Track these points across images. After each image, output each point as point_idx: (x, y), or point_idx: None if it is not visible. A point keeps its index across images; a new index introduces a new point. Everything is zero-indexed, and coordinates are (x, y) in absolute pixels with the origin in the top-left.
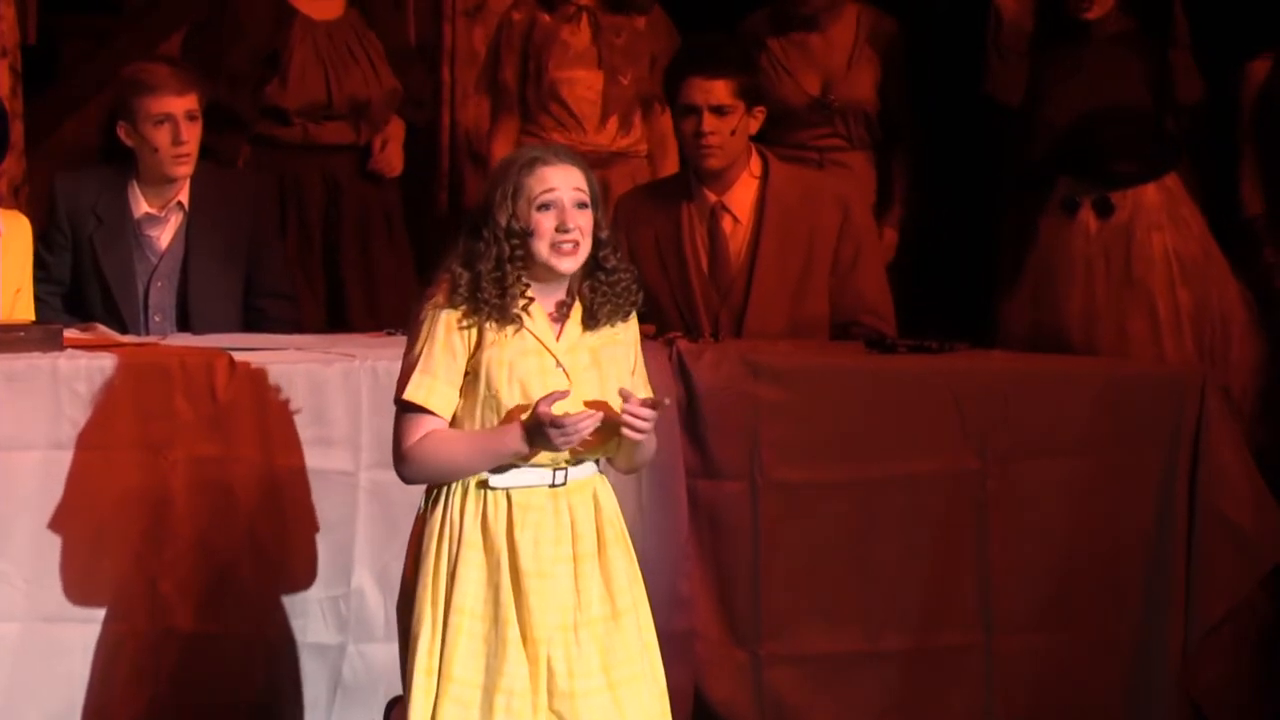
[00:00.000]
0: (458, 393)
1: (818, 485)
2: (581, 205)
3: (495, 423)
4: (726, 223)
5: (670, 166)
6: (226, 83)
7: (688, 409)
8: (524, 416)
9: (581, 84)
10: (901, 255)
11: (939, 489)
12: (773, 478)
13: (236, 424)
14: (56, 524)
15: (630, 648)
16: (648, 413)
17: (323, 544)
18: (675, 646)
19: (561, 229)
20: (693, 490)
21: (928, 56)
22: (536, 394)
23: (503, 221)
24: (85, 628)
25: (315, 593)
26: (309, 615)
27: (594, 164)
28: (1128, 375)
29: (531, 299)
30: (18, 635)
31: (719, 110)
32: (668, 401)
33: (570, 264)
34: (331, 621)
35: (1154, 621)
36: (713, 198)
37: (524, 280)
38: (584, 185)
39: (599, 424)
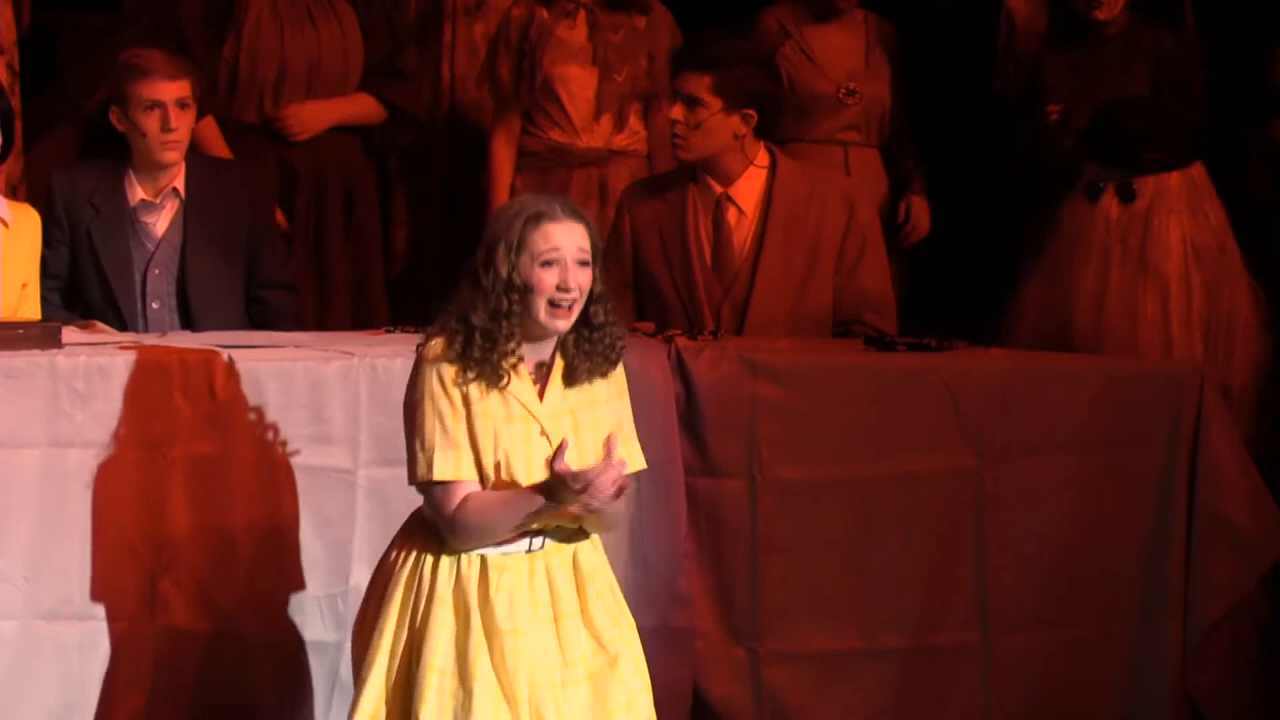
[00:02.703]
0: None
1: (816, 483)
2: (583, 264)
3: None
4: (731, 214)
5: (669, 165)
6: (175, 43)
7: (686, 407)
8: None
9: (576, 81)
10: (903, 253)
11: (937, 487)
12: (771, 476)
13: (235, 421)
14: (55, 522)
15: (629, 690)
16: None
17: (321, 542)
18: (674, 644)
19: (562, 288)
20: (691, 488)
21: (930, 56)
22: (519, 464)
23: (504, 273)
24: (83, 625)
25: (313, 591)
26: (307, 613)
27: (591, 163)
28: (1126, 373)
29: (521, 358)
30: (16, 633)
31: (690, 102)
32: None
33: (564, 324)
34: (329, 619)
35: (1152, 620)
36: (718, 189)
37: (517, 337)
38: (587, 245)
39: (622, 480)
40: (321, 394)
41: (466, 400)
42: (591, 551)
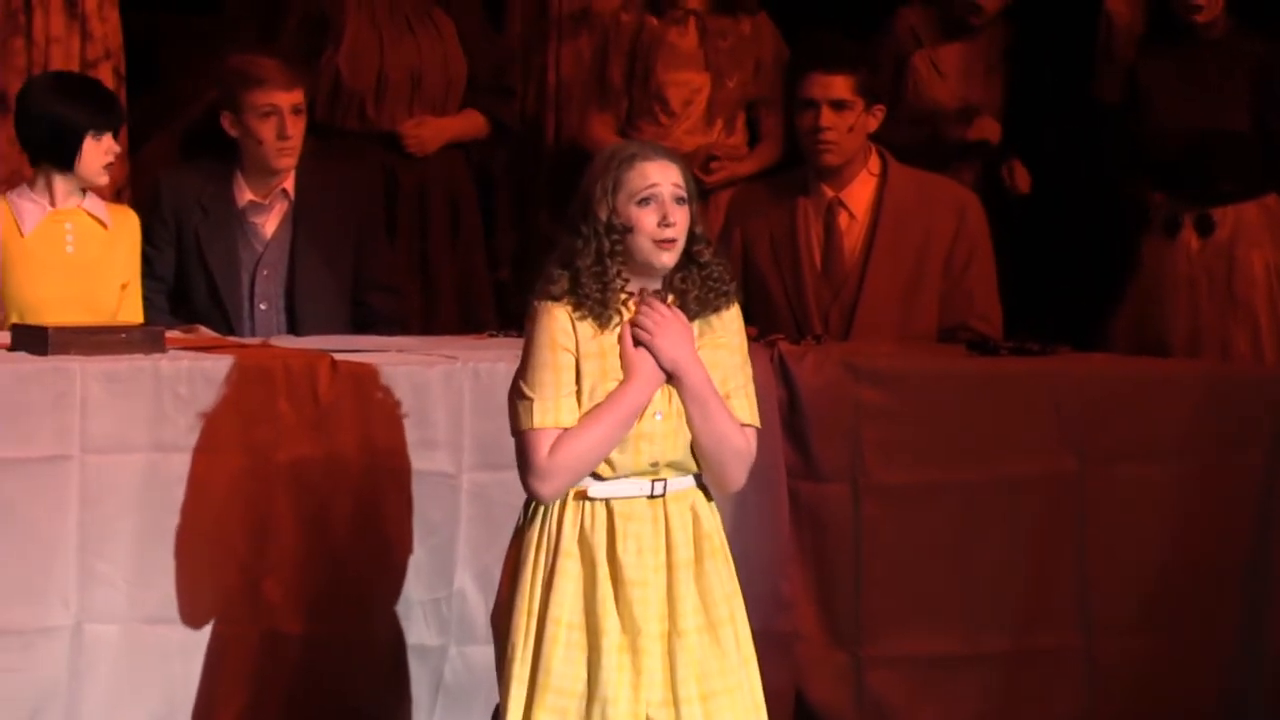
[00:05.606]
0: (576, 400)
1: (919, 487)
2: (680, 201)
3: None
4: (843, 219)
5: (751, 166)
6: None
7: (790, 410)
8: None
9: (689, 86)
10: (1006, 258)
11: (1038, 491)
12: (874, 480)
13: (339, 426)
14: (158, 526)
15: (726, 660)
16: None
17: (424, 546)
18: (776, 648)
19: (664, 223)
20: (794, 491)
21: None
22: None
23: (603, 216)
24: (187, 629)
25: (417, 594)
26: (411, 617)
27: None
28: (1228, 377)
29: (631, 294)
30: (119, 636)
31: (837, 105)
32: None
33: (670, 257)
34: (433, 623)
35: (1253, 625)
36: (830, 193)
37: (623, 275)
38: (681, 181)
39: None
40: (425, 398)
41: (578, 343)
42: (707, 509)
